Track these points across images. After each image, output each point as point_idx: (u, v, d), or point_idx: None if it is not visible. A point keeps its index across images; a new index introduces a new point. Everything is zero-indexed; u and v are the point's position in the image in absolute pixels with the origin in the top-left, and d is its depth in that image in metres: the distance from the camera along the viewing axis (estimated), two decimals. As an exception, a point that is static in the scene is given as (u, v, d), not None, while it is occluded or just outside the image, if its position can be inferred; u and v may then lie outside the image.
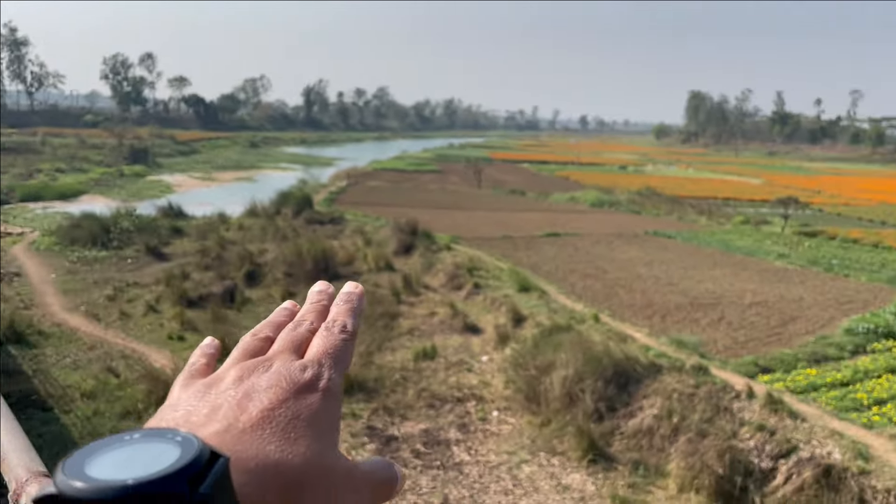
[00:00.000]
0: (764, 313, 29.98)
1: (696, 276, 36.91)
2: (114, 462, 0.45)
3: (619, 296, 31.55)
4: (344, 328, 0.67)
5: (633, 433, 14.91)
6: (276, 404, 0.57)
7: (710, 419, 14.51)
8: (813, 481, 12.64)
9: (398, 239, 35.07)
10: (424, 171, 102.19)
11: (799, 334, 27.37)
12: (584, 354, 17.13)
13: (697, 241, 49.46)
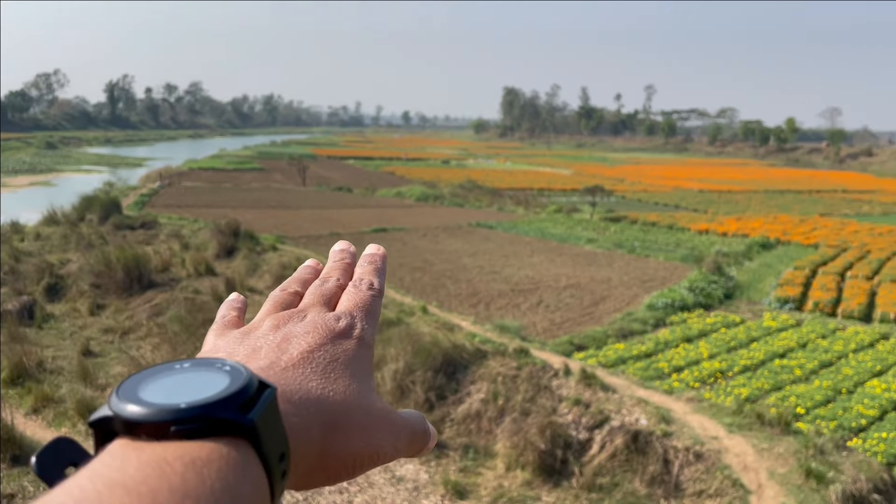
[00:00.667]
0: (577, 295, 32.22)
1: (517, 264, 38.86)
2: (165, 388, 0.46)
3: (446, 287, 32.45)
4: (371, 286, 0.71)
5: (463, 419, 15.41)
6: (314, 347, 0.60)
7: (532, 398, 15.34)
8: (623, 447, 13.77)
9: (219, 241, 33.54)
10: (245, 169, 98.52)
11: (608, 312, 29.73)
12: (414, 346, 17.43)
13: (517, 230, 52.04)
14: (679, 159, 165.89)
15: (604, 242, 47.12)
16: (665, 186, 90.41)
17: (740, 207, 69.59)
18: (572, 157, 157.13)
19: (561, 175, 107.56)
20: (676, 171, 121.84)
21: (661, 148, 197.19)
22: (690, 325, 28.18)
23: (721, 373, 22.53)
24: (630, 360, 23.33)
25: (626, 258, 42.68)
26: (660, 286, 34.66)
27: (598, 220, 59.14)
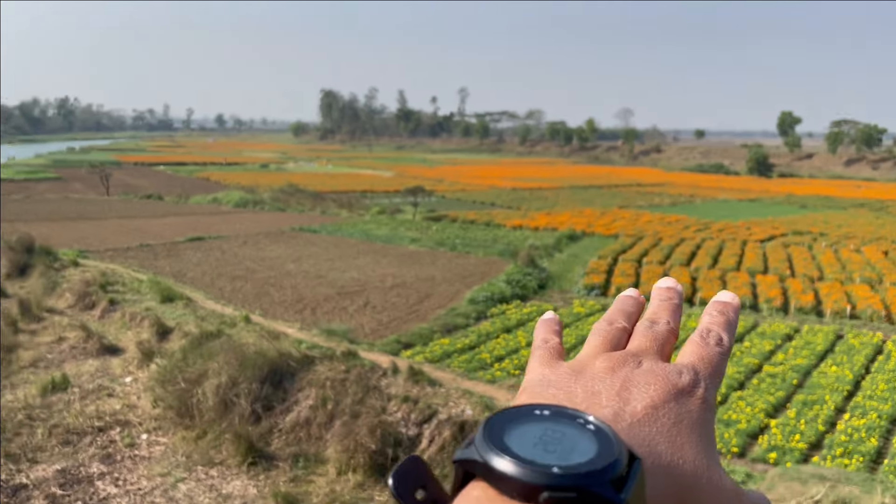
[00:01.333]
0: (403, 294, 32.76)
1: (342, 267, 38.72)
2: (532, 439, 0.44)
3: (269, 294, 31.60)
4: (720, 341, 0.63)
5: (292, 427, 15.11)
6: (658, 403, 0.54)
7: (362, 400, 15.38)
8: (451, 439, 14.20)
9: (10, 259, 30.24)
10: (39, 179, 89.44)
11: (433, 309, 30.52)
12: (238, 358, 16.81)
13: (341, 233, 51.81)
14: (493, 159, 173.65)
15: (427, 241, 48.25)
16: (482, 185, 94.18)
17: (549, 203, 74.19)
18: (393, 159, 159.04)
19: (383, 177, 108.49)
20: (491, 170, 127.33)
21: (477, 149, 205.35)
22: (509, 316, 29.70)
23: (539, 359, 23.96)
24: (455, 354, 24.15)
25: (448, 256, 44.01)
26: (480, 281, 36.14)
27: (421, 220, 60.44)
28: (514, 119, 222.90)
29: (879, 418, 18.89)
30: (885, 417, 19.02)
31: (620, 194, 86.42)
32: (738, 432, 17.77)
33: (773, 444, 17.20)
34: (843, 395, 20.84)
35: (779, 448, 17.01)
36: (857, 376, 22.48)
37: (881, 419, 18.86)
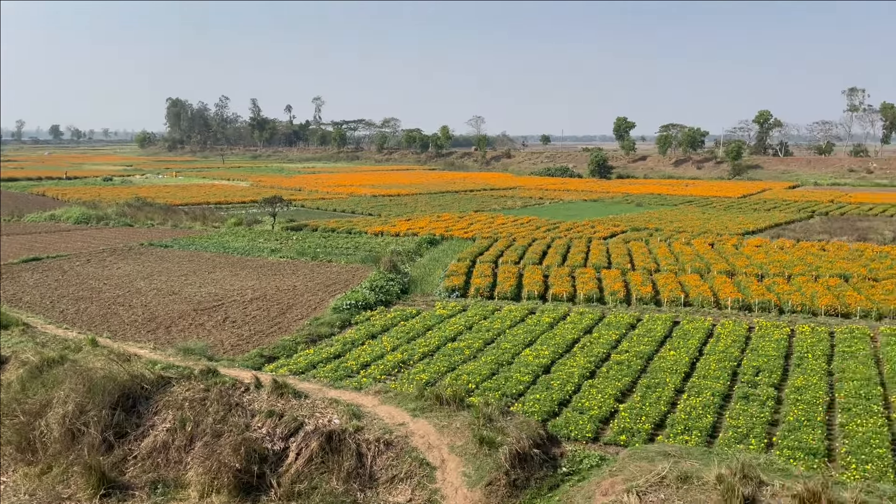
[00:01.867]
0: (264, 306, 32.02)
1: (198, 282, 37.20)
2: None
3: (118, 314, 29.79)
4: None
5: (149, 453, 14.42)
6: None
7: (224, 418, 14.94)
8: (319, 449, 14.13)
9: None
10: None
11: (296, 320, 30.07)
12: (85, 385, 15.78)
13: (195, 246, 49.70)
14: (352, 167, 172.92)
15: (287, 252, 47.37)
16: (341, 193, 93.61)
17: (409, 209, 75.07)
18: (249, 169, 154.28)
19: (238, 187, 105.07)
20: (351, 178, 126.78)
21: (335, 157, 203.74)
22: (374, 322, 29.85)
23: (403, 363, 24.27)
24: (320, 364, 23.95)
25: (310, 265, 43.44)
26: (343, 289, 36.03)
27: (281, 230, 59.18)
28: (370, 127, 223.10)
29: (713, 396, 20.81)
30: (717, 395, 20.97)
31: (476, 198, 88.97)
32: (591, 418, 18.95)
33: (623, 426, 18.50)
34: (682, 377, 22.75)
35: (628, 430, 18.32)
36: (692, 358, 24.61)
37: (714, 396, 20.78)
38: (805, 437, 17.80)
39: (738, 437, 17.91)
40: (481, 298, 34.63)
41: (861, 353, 25.08)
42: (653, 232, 56.27)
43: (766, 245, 49.22)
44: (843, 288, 34.74)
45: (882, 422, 18.89)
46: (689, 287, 35.00)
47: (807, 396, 20.72)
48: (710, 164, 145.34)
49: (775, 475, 11.39)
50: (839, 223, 63.50)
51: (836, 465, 16.77)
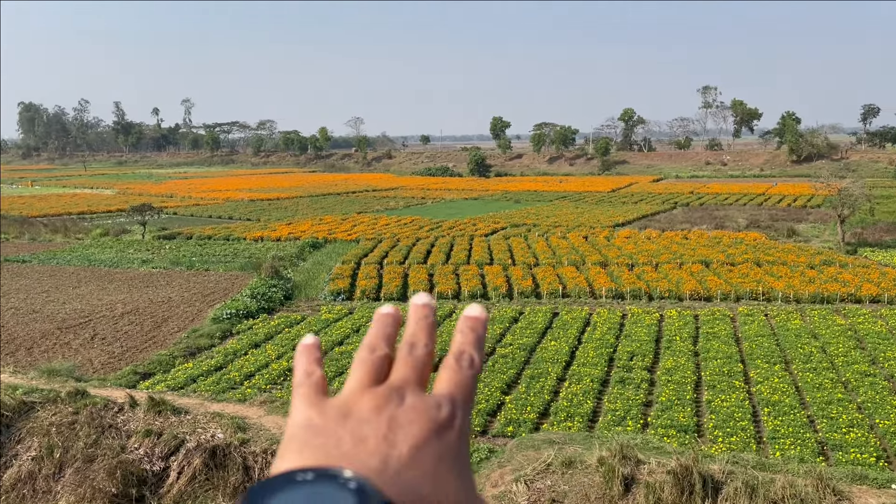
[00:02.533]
0: (137, 321, 30.35)
1: (62, 298, 34.72)
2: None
3: (-31, 339, 27.32)
4: (472, 363, 0.66)
5: (13, 485, 13.35)
6: (422, 443, 0.57)
7: (97, 441, 14.08)
8: (202, 466, 13.60)
9: None
10: None
11: (173, 333, 28.71)
12: (-68, 418, 14.38)
13: (57, 260, 46.36)
14: (227, 171, 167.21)
15: (160, 262, 45.08)
16: (217, 199, 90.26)
17: (290, 213, 73.49)
18: (114, 176, 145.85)
19: (103, 196, 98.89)
20: (226, 183, 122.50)
21: (209, 161, 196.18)
22: (257, 330, 29.01)
23: (290, 371, 23.77)
24: (201, 378, 22.98)
25: (185, 275, 41.54)
26: (223, 298, 34.75)
27: (152, 240, 56.19)
28: (245, 129, 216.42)
29: (592, 382, 21.78)
30: (596, 381, 21.97)
31: (358, 200, 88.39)
32: (479, 412, 19.33)
33: (510, 418, 19.00)
34: (563, 366, 23.65)
35: (514, 421, 18.84)
36: (572, 347, 25.64)
37: (594, 382, 21.76)
38: (676, 415, 18.97)
39: (617, 419, 18.84)
40: (368, 300, 34.49)
41: (723, 333, 27.04)
42: (531, 227, 58.08)
43: (635, 236, 52.00)
44: (704, 273, 37.29)
45: (744, 396, 20.46)
46: (567, 279, 36.41)
47: (677, 377, 22.09)
48: (581, 161, 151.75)
49: (651, 453, 12.07)
50: (699, 213, 68.10)
51: (705, 439, 17.99)
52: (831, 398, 20.10)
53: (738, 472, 10.93)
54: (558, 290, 34.52)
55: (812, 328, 27.89)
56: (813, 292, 33.03)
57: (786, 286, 33.96)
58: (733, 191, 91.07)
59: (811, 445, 17.00)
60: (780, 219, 61.65)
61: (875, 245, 47.70)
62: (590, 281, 36.31)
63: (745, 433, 17.84)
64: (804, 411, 19.45)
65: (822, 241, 50.58)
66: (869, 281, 34.90)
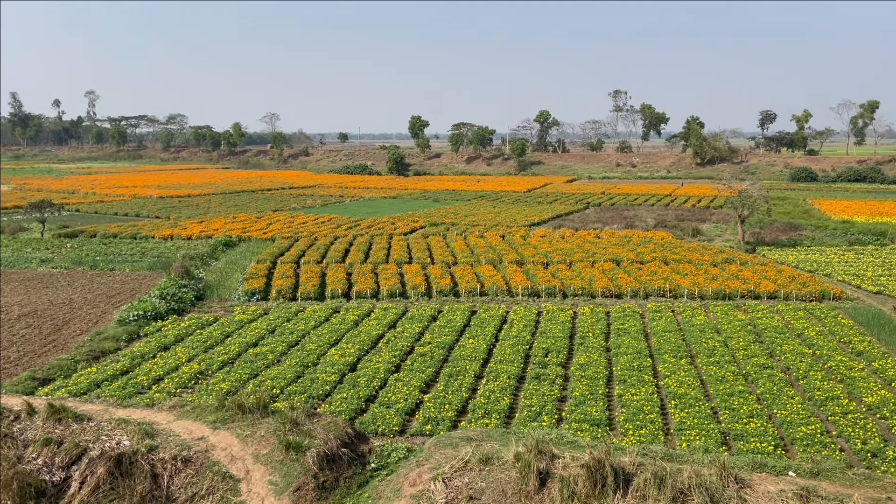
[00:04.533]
0: (35, 323, 28.67)
1: (-50, 301, 32.39)
2: None
3: None
4: None
5: None
6: None
7: (-10, 453, 13.18)
8: (107, 475, 12.96)
9: None
10: None
11: (75, 336, 27.26)
12: None
13: (-56, 260, 43.29)
14: (135, 167, 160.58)
15: (61, 261, 42.78)
16: (124, 195, 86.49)
17: (202, 210, 71.23)
18: (10, 171, 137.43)
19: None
20: (133, 178, 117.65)
21: (115, 156, 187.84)
22: (166, 332, 27.93)
23: (201, 374, 23.00)
24: (105, 383, 21.93)
25: (88, 275, 39.56)
26: (130, 299, 33.31)
27: (52, 238, 53.30)
28: (154, 124, 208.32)
29: (509, 379, 22.09)
30: (513, 377, 22.30)
31: (274, 197, 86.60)
32: (398, 411, 19.29)
33: (428, 416, 19.04)
34: (480, 363, 23.89)
35: (433, 419, 18.89)
36: (489, 345, 25.93)
37: (510, 379, 22.07)
38: (589, 409, 19.50)
39: (533, 415, 19.19)
40: (284, 300, 33.82)
41: (633, 329, 27.98)
42: (449, 226, 58.44)
43: (550, 235, 53.15)
44: (615, 271, 38.48)
45: (652, 390, 21.23)
46: (485, 277, 36.82)
47: (589, 372, 22.70)
48: (498, 161, 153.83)
49: (565, 448, 12.35)
50: (610, 213, 70.27)
51: (616, 432, 18.56)
52: (733, 390, 21.12)
53: (647, 463, 11.32)
54: (476, 288, 34.86)
55: (715, 323, 29.23)
56: (716, 289, 34.62)
57: (691, 283, 35.47)
58: (642, 192, 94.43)
59: (715, 436, 17.82)
60: (686, 219, 64.37)
61: (772, 244, 50.50)
62: (507, 279, 36.84)
63: (654, 426, 18.52)
64: (708, 403, 20.36)
65: (723, 240, 53.14)
66: (766, 278, 36.88)
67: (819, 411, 20.07)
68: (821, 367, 23.63)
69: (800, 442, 17.58)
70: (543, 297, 34.27)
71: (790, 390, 21.28)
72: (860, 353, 25.34)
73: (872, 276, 38.82)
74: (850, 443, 17.82)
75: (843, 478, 12.49)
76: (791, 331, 28.15)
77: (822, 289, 34.85)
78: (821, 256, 45.53)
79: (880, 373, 23.30)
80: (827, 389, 21.33)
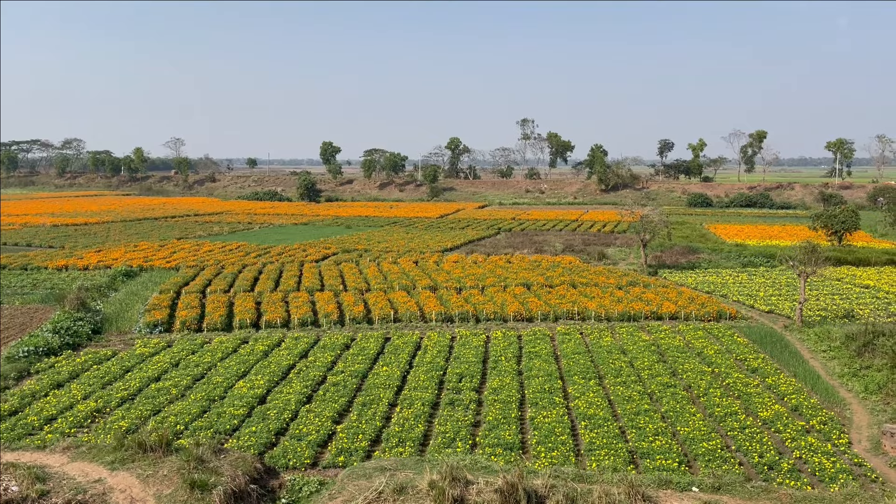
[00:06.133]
0: (-90, 364, 26.39)
1: None
2: None
3: None
4: None
5: None
6: None
7: None
8: (-9, 525, 12.02)
9: None
10: None
11: (-44, 376, 25.28)
12: None
13: None
14: (26, 194, 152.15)
15: (-60, 295, 39.65)
16: (13, 224, 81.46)
17: (100, 239, 67.96)
18: None
19: None
20: (25, 206, 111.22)
21: (4, 182, 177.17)
22: (59, 369, 26.26)
23: (98, 411, 21.73)
24: (-9, 425, 20.45)
25: (-28, 310, 36.81)
26: (19, 334, 31.22)
27: (-70, 270, 49.57)
28: (48, 148, 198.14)
29: (423, 406, 21.99)
30: (427, 404, 22.21)
31: (178, 225, 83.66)
32: (310, 444, 18.81)
33: (341, 447, 18.66)
34: (394, 391, 23.69)
35: (346, 450, 18.53)
36: (403, 372, 25.78)
37: (425, 406, 21.97)
38: (503, 433, 19.64)
39: (447, 441, 19.15)
40: (188, 332, 32.56)
41: (544, 351, 28.50)
42: (362, 253, 58.06)
43: (463, 260, 53.67)
44: (526, 295, 39.20)
45: (563, 412, 21.63)
46: (398, 304, 36.70)
47: (503, 396, 22.91)
48: (411, 187, 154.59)
49: (480, 473, 12.38)
50: (520, 238, 71.73)
51: (529, 455, 18.76)
52: (639, 409, 21.79)
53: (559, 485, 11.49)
54: (390, 314, 34.69)
55: (621, 344, 30.18)
56: (621, 311, 35.80)
57: (598, 306, 36.55)
58: (550, 217, 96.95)
59: (623, 455, 18.29)
60: (592, 243, 66.49)
61: (672, 267, 52.80)
62: (420, 305, 36.85)
63: (565, 447, 18.84)
64: (616, 423, 20.91)
65: (627, 263, 55.16)
66: (668, 300, 38.46)
67: (719, 427, 20.97)
68: (720, 385, 24.75)
69: (702, 457, 18.27)
70: (457, 322, 34.45)
71: (692, 408, 22.15)
72: (755, 369, 26.73)
73: (764, 297, 41.15)
74: (749, 456, 18.67)
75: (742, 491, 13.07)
76: (692, 350, 29.38)
77: (720, 309, 36.65)
78: (717, 278, 47.92)
79: (773, 388, 24.63)
80: (726, 406, 22.33)
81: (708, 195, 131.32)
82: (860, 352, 28.24)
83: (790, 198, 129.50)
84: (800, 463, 18.60)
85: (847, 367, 27.33)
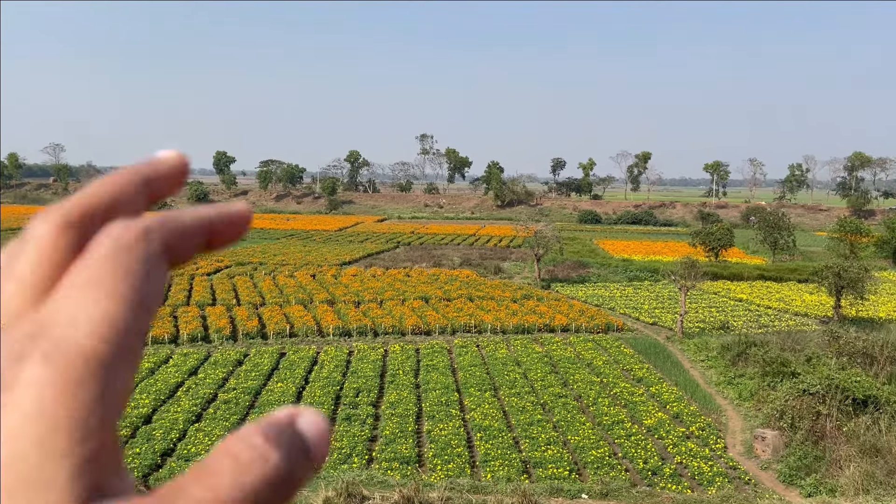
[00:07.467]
0: None
1: None
2: None
3: None
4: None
5: None
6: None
7: None
8: None
9: None
10: None
11: None
12: None
13: None
14: None
15: None
16: None
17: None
18: None
19: None
20: None
21: None
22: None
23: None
24: None
25: None
26: None
27: None
28: None
29: (319, 421, 21.67)
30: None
31: (57, 235, 78.65)
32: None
33: (233, 467, 18.09)
34: (289, 408, 23.21)
35: (238, 470, 17.97)
36: (299, 388, 25.33)
37: (320, 422, 21.66)
38: (400, 447, 19.66)
39: (343, 457, 18.96)
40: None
41: (441, 364, 28.76)
42: (257, 266, 56.62)
43: (361, 274, 53.36)
44: (424, 309, 39.45)
45: (459, 424, 21.89)
46: (294, 318, 36.03)
47: (400, 410, 22.93)
48: (309, 200, 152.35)
49: (376, 488, 12.34)
50: (419, 252, 72.11)
51: (425, 468, 18.85)
52: (532, 419, 22.37)
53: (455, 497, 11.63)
54: (286, 329, 33.98)
55: (516, 356, 30.90)
56: (516, 324, 36.67)
57: (494, 319, 37.27)
58: (448, 231, 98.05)
59: (517, 465, 18.71)
60: (489, 257, 67.74)
61: (564, 280, 54.60)
62: (317, 319, 36.32)
63: (461, 459, 19.06)
64: (510, 433, 21.37)
65: (522, 277, 56.56)
66: (560, 312, 39.74)
67: (607, 435, 21.83)
68: (608, 394, 25.79)
69: (591, 465, 18.96)
70: (355, 336, 34.19)
71: (582, 417, 22.96)
72: (640, 379, 28.03)
73: (648, 309, 43.26)
74: (634, 463, 19.54)
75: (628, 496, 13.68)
76: (582, 361, 30.47)
77: (608, 321, 38.21)
78: (605, 291, 49.97)
79: (657, 396, 25.92)
80: (613, 414, 23.29)
81: (597, 212, 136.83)
82: (734, 361, 30.22)
83: (672, 216, 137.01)
84: (681, 468, 19.64)
85: (723, 376, 29.16)
